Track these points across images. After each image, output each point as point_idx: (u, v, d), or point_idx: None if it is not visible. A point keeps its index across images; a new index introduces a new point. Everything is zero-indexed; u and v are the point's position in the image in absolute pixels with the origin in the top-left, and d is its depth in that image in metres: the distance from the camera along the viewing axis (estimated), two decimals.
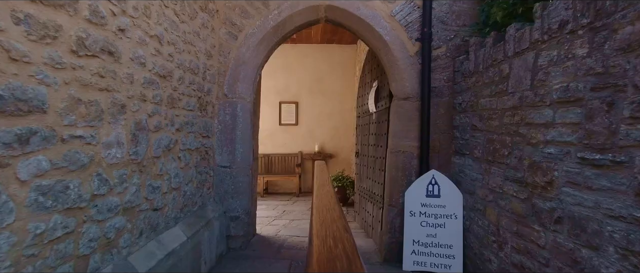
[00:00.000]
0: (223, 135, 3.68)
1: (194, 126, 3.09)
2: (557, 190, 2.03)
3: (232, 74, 3.68)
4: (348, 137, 8.37)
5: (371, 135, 4.63)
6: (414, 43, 3.65)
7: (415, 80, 3.64)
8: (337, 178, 6.95)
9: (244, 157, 3.72)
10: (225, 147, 3.68)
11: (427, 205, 3.43)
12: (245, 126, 3.73)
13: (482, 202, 2.93)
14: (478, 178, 3.02)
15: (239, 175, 3.70)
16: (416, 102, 3.64)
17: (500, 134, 2.66)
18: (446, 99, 3.63)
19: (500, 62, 2.69)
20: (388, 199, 3.76)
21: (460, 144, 3.41)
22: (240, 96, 3.70)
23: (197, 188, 3.19)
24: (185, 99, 2.89)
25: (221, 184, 3.68)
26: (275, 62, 8.43)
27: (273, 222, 5.62)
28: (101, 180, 1.78)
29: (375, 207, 4.29)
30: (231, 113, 3.68)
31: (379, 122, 4.32)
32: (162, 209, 2.49)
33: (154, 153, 2.36)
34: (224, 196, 3.68)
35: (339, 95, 8.43)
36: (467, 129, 3.26)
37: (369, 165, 4.65)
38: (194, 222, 2.97)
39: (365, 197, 4.78)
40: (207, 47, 3.37)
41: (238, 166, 3.70)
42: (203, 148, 3.36)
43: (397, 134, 3.69)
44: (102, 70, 1.78)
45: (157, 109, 2.38)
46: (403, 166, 3.65)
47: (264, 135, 8.50)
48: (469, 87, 3.24)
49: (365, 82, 5.01)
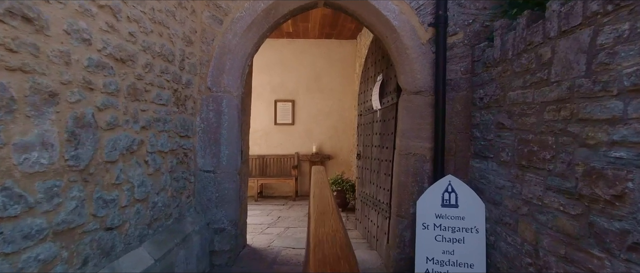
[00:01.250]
0: (206, 135, 3.15)
1: (168, 124, 2.57)
2: (632, 206, 1.52)
3: (217, 64, 3.16)
4: (347, 137, 7.86)
5: (375, 135, 4.12)
6: (427, 29, 3.14)
7: (428, 71, 3.12)
8: (336, 182, 6.43)
9: (231, 159, 3.20)
10: (208, 149, 3.15)
11: (443, 216, 2.92)
12: (232, 124, 3.21)
13: (513, 214, 2.42)
14: (506, 186, 2.51)
15: (224, 181, 3.18)
16: (429, 96, 3.13)
17: (539, 133, 2.15)
18: (463, 93, 3.12)
19: (539, 45, 2.18)
20: (396, 208, 3.24)
21: (481, 145, 2.90)
22: (226, 90, 3.18)
23: (172, 198, 2.66)
24: (156, 91, 2.37)
25: (204, 191, 3.15)
26: (270, 58, 7.91)
27: (266, 230, 5.09)
28: (10, 196, 1.26)
29: (380, 216, 3.77)
30: (215, 109, 3.16)
31: (385, 120, 3.81)
32: (119, 227, 1.96)
33: (107, 158, 1.84)
34: (207, 205, 3.16)
35: (338, 93, 7.91)
36: (490, 127, 2.76)
37: (373, 169, 4.13)
38: (166, 239, 2.44)
39: (368, 204, 4.27)
40: (186, 32, 2.84)
41: (223, 170, 3.17)
42: (181, 150, 2.83)
43: (407, 134, 3.18)
44: (11, 41, 1.25)
45: (111, 101, 1.86)
46: (414, 170, 3.14)
47: (258, 135, 7.98)
48: (493, 78, 2.74)
49: (368, 77, 4.50)
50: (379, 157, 3.93)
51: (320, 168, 2.83)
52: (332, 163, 7.84)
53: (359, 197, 4.80)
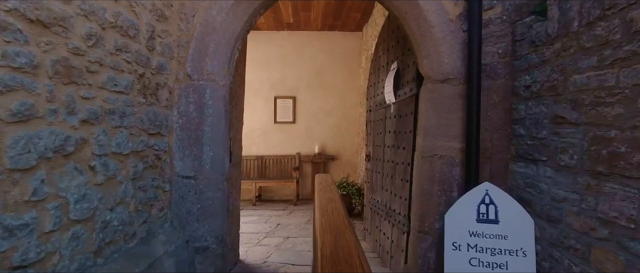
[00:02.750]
0: (185, 133, 2.55)
1: (129, 118, 1.96)
2: None
3: (199, 46, 2.55)
4: (351, 137, 7.24)
5: (388, 134, 3.50)
6: (456, 2, 2.52)
7: (458, 54, 2.51)
8: (341, 185, 5.81)
9: (216, 162, 2.59)
10: (188, 150, 2.54)
11: (480, 234, 2.30)
12: (218, 120, 2.60)
13: (582, 237, 1.80)
14: (570, 199, 1.89)
15: (208, 189, 2.57)
16: (459, 85, 2.51)
17: (631, 128, 1.54)
18: (501, 81, 2.50)
19: (626, 8, 1.56)
20: (417, 222, 2.63)
21: (527, 146, 2.28)
22: (210, 78, 2.57)
23: (136, 213, 2.05)
24: (108, 73, 1.76)
25: (182, 202, 2.54)
26: (269, 52, 7.30)
27: (263, 240, 4.48)
28: None
29: (396, 229, 3.16)
30: (197, 101, 2.55)
31: (401, 115, 3.19)
32: (40, 263, 1.35)
33: (14, 164, 1.23)
34: (186, 219, 2.55)
35: (342, 90, 7.30)
36: (542, 122, 2.14)
37: (386, 173, 3.51)
38: (123, 268, 1.83)
39: (380, 214, 3.65)
40: (157, 3, 2.24)
41: (206, 176, 2.56)
42: (151, 152, 2.23)
43: (431, 131, 2.56)
44: None
45: (20, 80, 1.25)
46: (440, 176, 2.52)
47: (256, 134, 7.36)
48: (546, 60, 2.12)
49: (379, 66, 3.88)
50: (393, 159, 3.32)
51: (325, 178, 2.22)
52: (335, 165, 7.23)
53: (368, 204, 4.18)
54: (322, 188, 1.72)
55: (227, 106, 2.70)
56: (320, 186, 1.75)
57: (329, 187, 1.78)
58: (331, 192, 1.71)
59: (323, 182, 1.80)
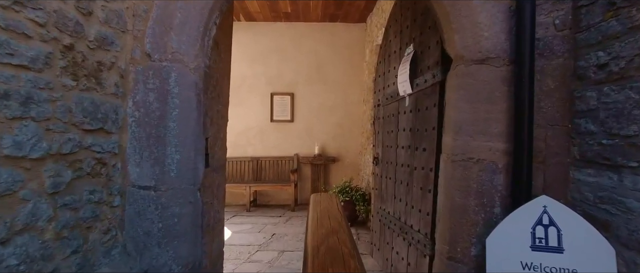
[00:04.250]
0: (143, 130, 1.92)
1: (44, 106, 1.34)
2: None
3: (160, 16, 1.93)
4: (354, 137, 6.62)
5: (402, 132, 2.88)
6: None
7: (501, 26, 1.89)
8: (344, 190, 5.19)
9: (184, 168, 1.97)
10: (146, 151, 1.92)
11: (536, 267, 1.68)
12: (187, 113, 1.98)
13: None
14: None
15: (172, 202, 1.94)
16: (503, 66, 1.89)
17: None
18: (559, 60, 1.88)
19: None
20: (446, 245, 2.00)
21: (600, 146, 1.66)
22: (176, 58, 1.95)
23: (58, 242, 1.44)
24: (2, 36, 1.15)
25: (139, 220, 1.92)
26: (265, 45, 6.69)
27: (255, 254, 3.86)
28: None
29: (414, 250, 2.53)
30: (158, 88, 1.93)
31: (419, 109, 2.57)
32: None
33: None
34: (144, 242, 1.92)
35: (344, 85, 6.69)
36: (630, 113, 1.51)
37: (399, 179, 2.89)
38: None
39: (392, 228, 3.03)
40: None
41: (171, 185, 1.94)
42: (88, 155, 1.61)
43: (465, 128, 1.94)
44: None
45: None
46: (478, 187, 1.90)
47: (252, 133, 6.75)
48: (633, 26, 1.50)
49: (390, 53, 3.26)
50: (409, 163, 2.69)
51: (325, 198, 1.60)
52: (337, 167, 6.61)
53: (376, 214, 3.55)
54: (321, 216, 1.10)
55: (200, 96, 2.07)
56: (319, 214, 1.13)
57: (335, 218, 1.16)
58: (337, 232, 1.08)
59: (323, 209, 1.18)
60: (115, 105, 1.81)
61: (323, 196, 1.54)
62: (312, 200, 1.39)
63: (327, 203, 1.32)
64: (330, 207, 1.28)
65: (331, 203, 1.36)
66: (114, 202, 1.81)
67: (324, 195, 1.57)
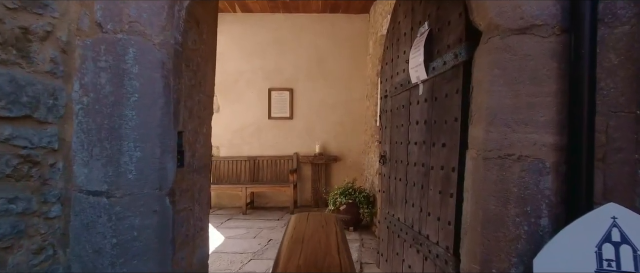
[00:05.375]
0: (92, 120, 1.51)
1: None
2: None
3: None
4: (357, 135, 6.20)
5: (415, 125, 2.46)
6: None
7: None
8: (346, 192, 4.77)
9: (147, 168, 1.55)
10: (97, 147, 1.51)
11: None
12: (151, 98, 1.56)
13: None
14: None
15: (130, 212, 1.53)
16: (553, 36, 1.46)
17: None
18: (625, 28, 1.45)
19: None
20: (476, 265, 1.57)
21: None
22: (135, 29, 1.53)
23: None
24: None
25: (87, 235, 1.50)
26: (262, 38, 6.27)
27: (248, 264, 3.45)
28: None
29: (432, 265, 2.10)
30: (112, 67, 1.51)
31: (437, 97, 2.15)
32: None
33: None
34: (93, 262, 1.51)
35: (346, 81, 6.27)
36: None
37: (412, 181, 2.46)
38: None
39: (403, 237, 2.60)
40: None
41: (129, 190, 1.52)
42: (10, 151, 1.20)
43: (501, 116, 1.51)
44: None
45: None
46: (519, 192, 1.47)
47: (248, 132, 6.33)
48: None
49: (400, 36, 2.83)
50: (424, 162, 2.27)
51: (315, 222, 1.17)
52: (339, 167, 6.19)
53: (384, 220, 3.12)
54: None
55: (169, 79, 1.65)
56: None
57: None
58: None
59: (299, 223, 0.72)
60: (53, 87, 1.39)
61: (312, 220, 1.04)
62: (290, 227, 0.93)
63: (317, 237, 0.85)
64: (319, 248, 0.80)
65: (325, 237, 0.87)
66: (50, 212, 1.39)
67: (313, 218, 1.06)
